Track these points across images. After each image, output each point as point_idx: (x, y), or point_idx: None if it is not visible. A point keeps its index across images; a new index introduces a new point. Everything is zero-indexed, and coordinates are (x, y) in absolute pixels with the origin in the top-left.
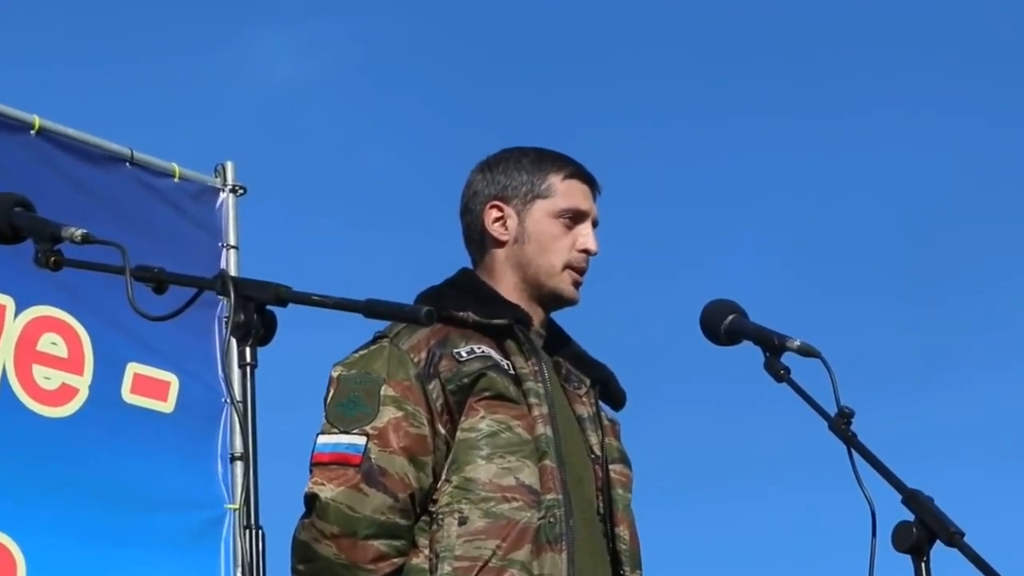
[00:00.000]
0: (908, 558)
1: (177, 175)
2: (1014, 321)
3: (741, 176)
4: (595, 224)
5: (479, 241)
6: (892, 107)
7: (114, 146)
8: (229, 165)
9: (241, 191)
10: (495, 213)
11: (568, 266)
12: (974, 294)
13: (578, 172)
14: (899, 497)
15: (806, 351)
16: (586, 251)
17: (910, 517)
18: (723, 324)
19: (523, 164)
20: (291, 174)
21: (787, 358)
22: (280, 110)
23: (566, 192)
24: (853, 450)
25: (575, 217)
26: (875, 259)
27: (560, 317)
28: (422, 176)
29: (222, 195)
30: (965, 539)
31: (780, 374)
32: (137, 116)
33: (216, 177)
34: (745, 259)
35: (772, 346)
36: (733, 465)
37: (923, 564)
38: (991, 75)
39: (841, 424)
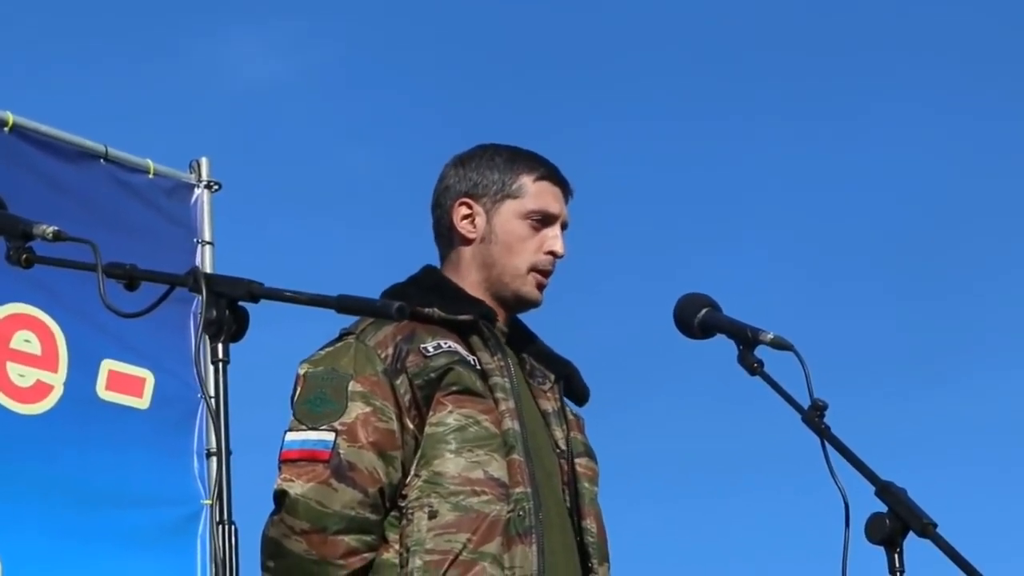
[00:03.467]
0: (881, 549)
1: (151, 171)
2: (1014, 320)
3: (741, 175)
4: (565, 227)
5: (447, 237)
6: (891, 105)
7: (88, 143)
8: (204, 161)
9: (216, 187)
10: (464, 210)
11: (533, 268)
12: (974, 292)
13: (550, 174)
14: (872, 489)
15: (780, 344)
16: (552, 253)
17: (883, 509)
18: (697, 317)
19: (496, 162)
20: (267, 171)
21: (761, 351)
22: (257, 107)
23: (537, 193)
24: (826, 442)
25: (544, 219)
26: (876, 258)
27: (540, 315)
28: (399, 174)
29: (197, 191)
30: (938, 530)
31: (754, 367)
32: (111, 113)
33: (191, 173)
34: (745, 258)
35: (745, 339)
36: (708, 460)
37: (896, 555)
38: (990, 73)
39: (814, 416)
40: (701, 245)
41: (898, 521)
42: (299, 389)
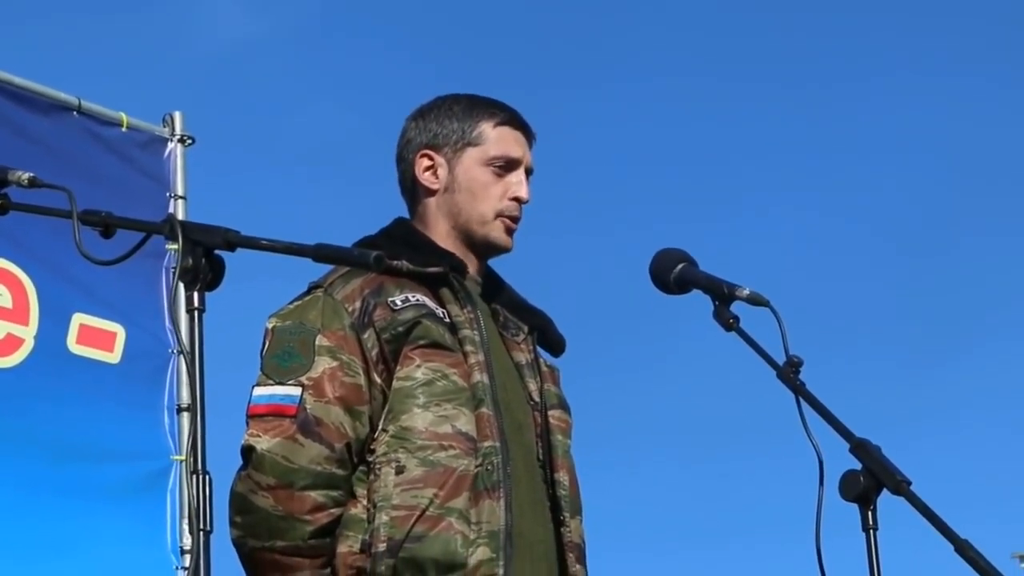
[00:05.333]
0: (855, 507)
1: (125, 124)
2: (1018, 296)
3: (752, 151)
4: (529, 172)
5: (412, 190)
6: (898, 79)
7: (62, 95)
8: (177, 115)
9: (189, 141)
10: (426, 162)
11: (500, 214)
12: (983, 268)
13: (511, 119)
14: (847, 446)
15: (755, 300)
16: (517, 199)
17: (858, 466)
18: (672, 273)
19: (455, 111)
20: (241, 126)
21: (737, 307)
22: (233, 63)
23: (497, 139)
24: (801, 399)
25: (507, 165)
26: (881, 231)
27: (518, 268)
28: (373, 129)
29: (170, 145)
30: (912, 488)
31: (729, 323)
32: (85, 65)
33: (164, 127)
34: (754, 231)
35: (721, 295)
36: (685, 421)
37: (870, 512)
38: (991, 40)
39: (789, 373)
40: (712, 216)
41: (872, 478)
42: (267, 343)
